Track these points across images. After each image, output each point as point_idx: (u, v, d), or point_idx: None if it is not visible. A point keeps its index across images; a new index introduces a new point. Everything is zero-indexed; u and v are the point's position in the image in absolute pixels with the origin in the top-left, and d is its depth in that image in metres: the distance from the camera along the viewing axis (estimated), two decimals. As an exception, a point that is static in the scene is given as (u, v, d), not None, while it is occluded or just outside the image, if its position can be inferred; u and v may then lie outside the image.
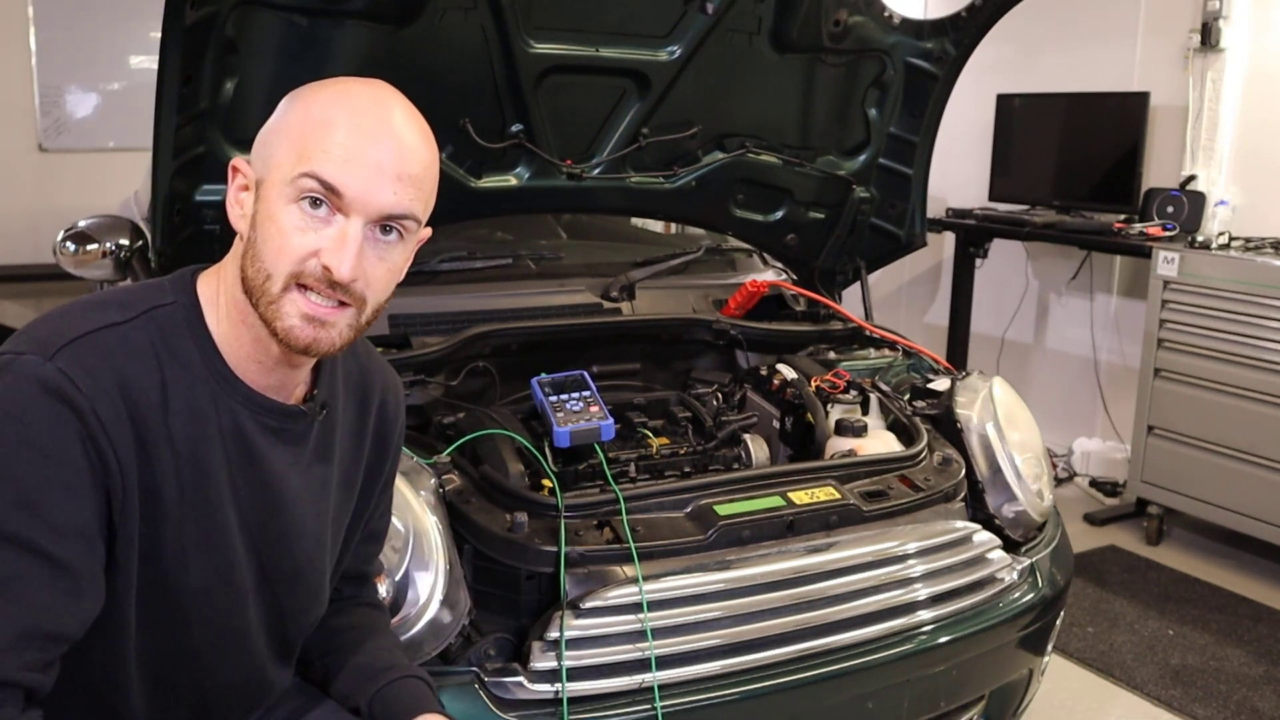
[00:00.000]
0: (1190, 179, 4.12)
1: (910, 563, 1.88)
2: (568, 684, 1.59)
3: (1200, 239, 3.78)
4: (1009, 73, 4.71)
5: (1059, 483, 4.39)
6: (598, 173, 2.48)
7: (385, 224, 1.13)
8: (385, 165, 1.11)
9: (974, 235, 4.61)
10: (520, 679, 1.59)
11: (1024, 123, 4.69)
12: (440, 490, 1.74)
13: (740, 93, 2.53)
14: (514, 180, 2.43)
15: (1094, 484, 4.42)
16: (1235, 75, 4.03)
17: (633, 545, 1.69)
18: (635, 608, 1.65)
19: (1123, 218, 4.18)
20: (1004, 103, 4.71)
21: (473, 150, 2.32)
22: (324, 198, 1.10)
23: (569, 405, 1.97)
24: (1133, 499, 4.00)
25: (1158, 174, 4.27)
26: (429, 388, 2.10)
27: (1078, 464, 4.54)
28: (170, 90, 1.82)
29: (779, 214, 2.79)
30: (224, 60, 1.92)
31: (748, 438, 2.13)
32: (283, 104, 1.17)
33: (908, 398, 2.34)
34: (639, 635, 1.64)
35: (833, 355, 2.52)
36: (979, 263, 4.69)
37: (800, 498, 1.87)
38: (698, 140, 2.55)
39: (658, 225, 3.70)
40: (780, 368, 2.30)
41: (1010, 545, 2.08)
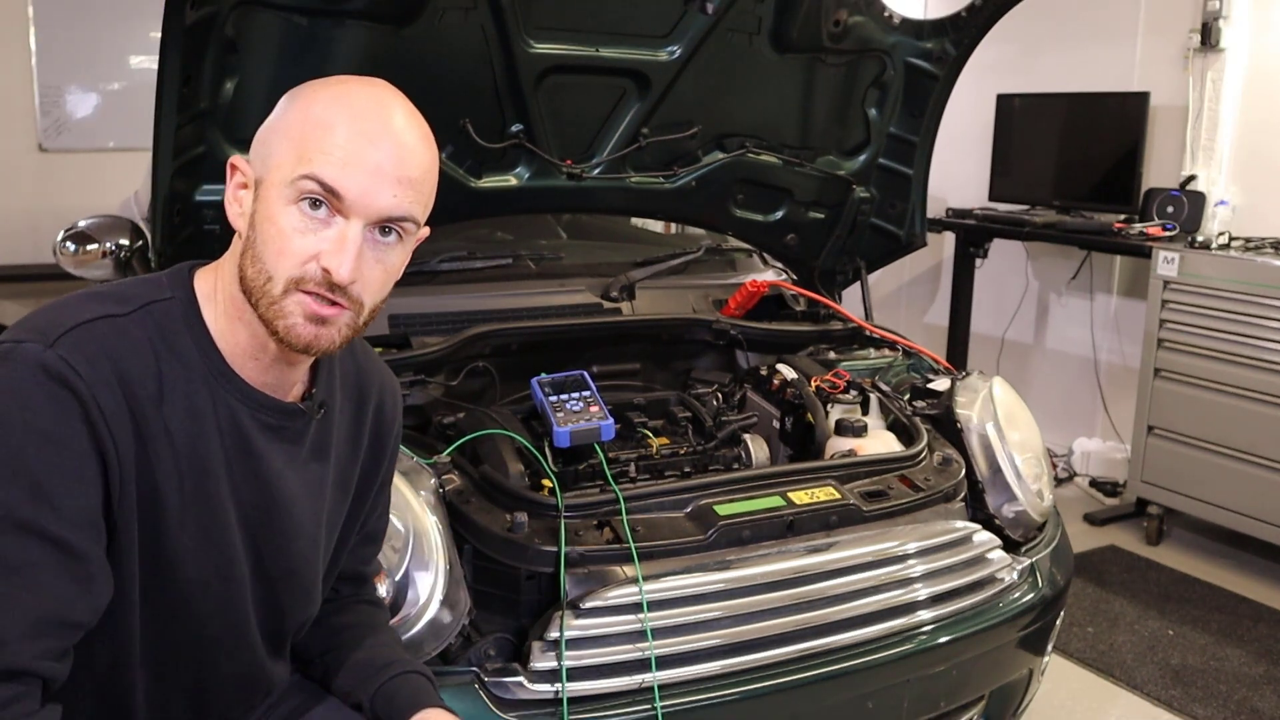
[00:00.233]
0: (1190, 179, 4.12)
1: (910, 563, 1.88)
2: (568, 684, 1.59)
3: (1200, 239, 3.78)
4: (1009, 73, 4.71)
5: (1059, 483, 4.39)
6: (598, 173, 2.48)
7: (384, 226, 1.13)
8: (385, 168, 1.11)
9: (974, 235, 4.61)
10: (520, 679, 1.59)
11: (1024, 123, 4.68)
12: (440, 490, 1.74)
13: (740, 93, 2.53)
14: (514, 180, 2.43)
15: (1094, 484, 4.42)
16: (1235, 75, 4.03)
17: (633, 545, 1.69)
18: (635, 608, 1.65)
19: (1123, 218, 4.18)
20: (1004, 103, 4.71)
21: (473, 150, 2.32)
22: (324, 199, 1.09)
23: (569, 405, 1.97)
24: (1133, 499, 4.00)
25: (1158, 174, 4.27)
26: (429, 388, 2.10)
27: (1078, 464, 4.54)
28: (170, 90, 1.82)
29: (779, 214, 2.79)
30: (224, 60, 1.92)
31: (748, 438, 2.13)
32: (282, 102, 1.16)
33: (908, 398, 2.34)
34: (639, 635, 1.64)
35: (833, 355, 2.52)
36: (979, 263, 4.69)
37: (800, 498, 1.87)
38: (698, 140, 2.55)
39: (658, 225, 3.70)
40: (780, 368, 2.30)
41: (1010, 545, 2.08)
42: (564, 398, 1.98)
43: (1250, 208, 4.05)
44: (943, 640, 1.87)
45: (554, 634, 1.61)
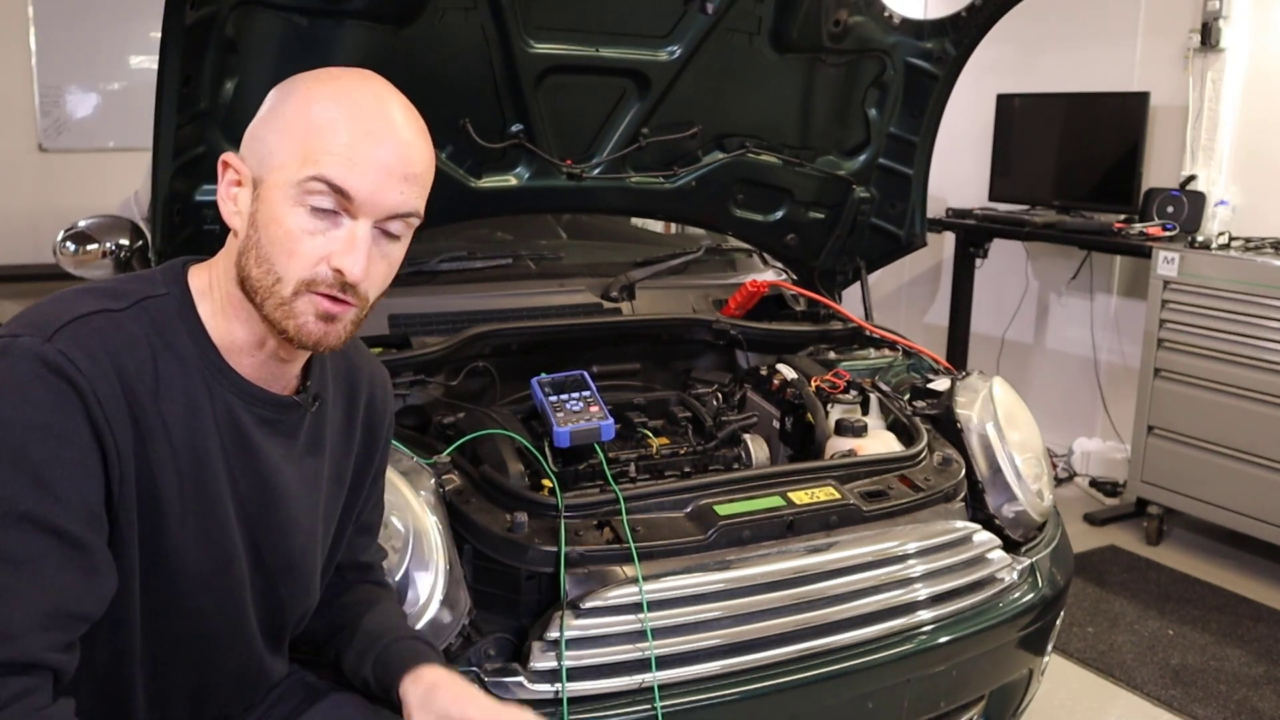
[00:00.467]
0: (1190, 179, 4.12)
1: (910, 563, 1.88)
2: (568, 684, 1.59)
3: (1200, 239, 3.78)
4: (1009, 73, 4.71)
5: (1059, 483, 4.39)
6: (598, 173, 2.48)
7: (390, 221, 1.14)
8: (392, 166, 1.11)
9: (974, 235, 4.61)
10: (520, 679, 1.59)
11: (1024, 123, 4.69)
12: (440, 490, 1.74)
13: (740, 93, 2.53)
14: (514, 180, 2.42)
15: (1094, 484, 4.42)
16: (1235, 75, 4.03)
17: (633, 545, 1.69)
18: (635, 608, 1.65)
19: (1123, 218, 4.18)
20: (1004, 103, 4.71)
21: (473, 150, 2.32)
22: (332, 200, 1.10)
23: (569, 405, 1.97)
24: (1133, 499, 4.00)
25: (1158, 174, 4.27)
26: (429, 388, 2.10)
27: (1078, 464, 4.54)
28: (170, 90, 1.82)
29: (779, 214, 2.78)
30: (224, 60, 1.92)
31: (748, 438, 2.13)
32: (273, 96, 1.16)
33: (908, 398, 2.34)
34: (639, 635, 1.64)
35: (833, 355, 2.52)
36: (979, 263, 4.69)
37: (800, 498, 1.86)
38: (698, 140, 2.55)
39: (658, 225, 3.70)
40: (780, 368, 2.30)
41: (1010, 545, 2.08)
42: (564, 398, 1.98)
43: (1250, 208, 4.05)
44: (943, 640, 1.86)
45: (554, 634, 1.61)
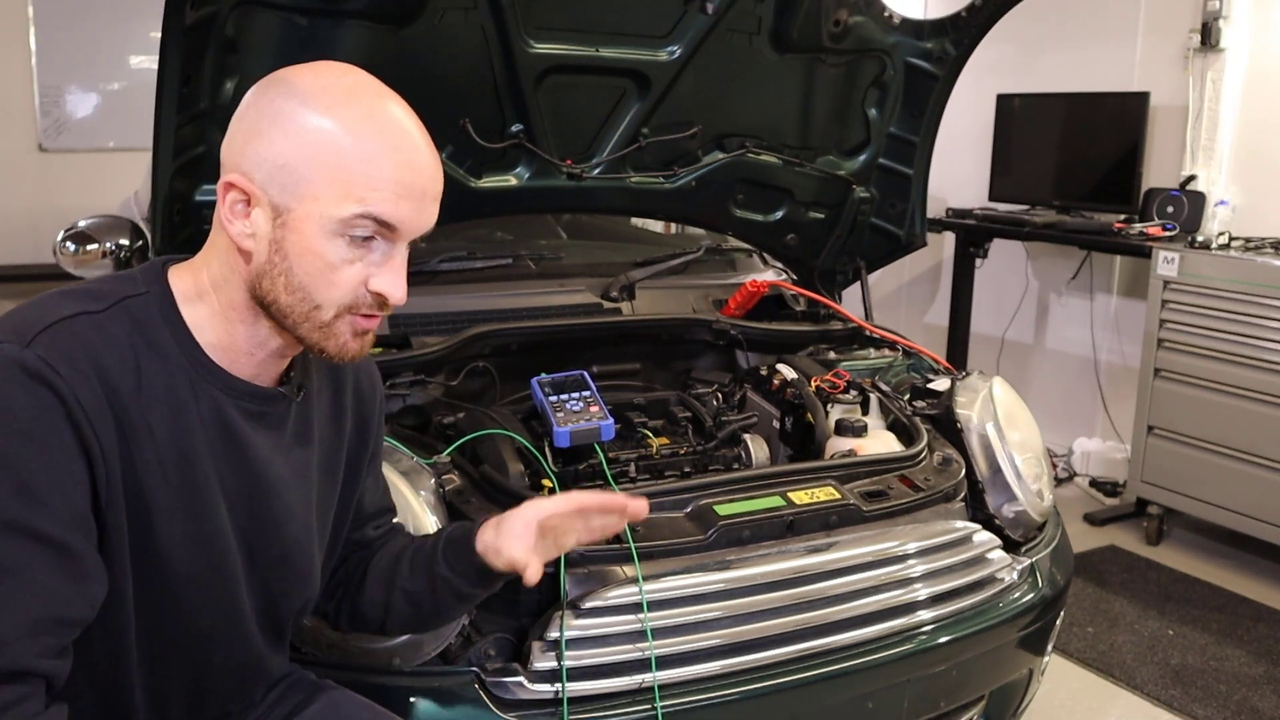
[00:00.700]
0: (1190, 179, 4.12)
1: (910, 563, 1.88)
2: (568, 684, 1.59)
3: (1200, 239, 3.78)
4: (1009, 73, 4.71)
5: (1059, 483, 4.39)
6: (598, 173, 2.48)
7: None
8: (428, 190, 1.14)
9: (974, 235, 4.61)
10: (520, 679, 1.59)
11: (1024, 123, 4.68)
12: (440, 490, 1.74)
13: (740, 93, 2.53)
14: (514, 180, 2.42)
15: (1094, 484, 4.42)
16: (1235, 75, 4.03)
17: (633, 545, 1.69)
18: (635, 608, 1.65)
19: (1123, 218, 4.18)
20: (1004, 103, 4.71)
21: (473, 150, 2.32)
22: (374, 229, 1.12)
23: (569, 405, 1.97)
24: (1133, 499, 4.00)
25: (1158, 174, 4.26)
26: (429, 388, 2.10)
27: (1078, 464, 4.54)
28: (170, 90, 1.82)
29: (779, 214, 2.78)
30: (224, 60, 1.92)
31: (748, 438, 2.13)
32: (283, 107, 1.10)
33: (908, 398, 2.34)
34: (639, 635, 1.64)
35: (833, 355, 2.52)
36: (979, 263, 4.69)
37: (800, 498, 1.86)
38: (698, 140, 2.55)
39: (658, 225, 3.70)
40: (780, 368, 2.30)
41: (1010, 545, 2.08)
42: (564, 398, 1.98)
43: (1250, 208, 4.05)
44: (943, 640, 1.87)
45: (554, 634, 1.61)
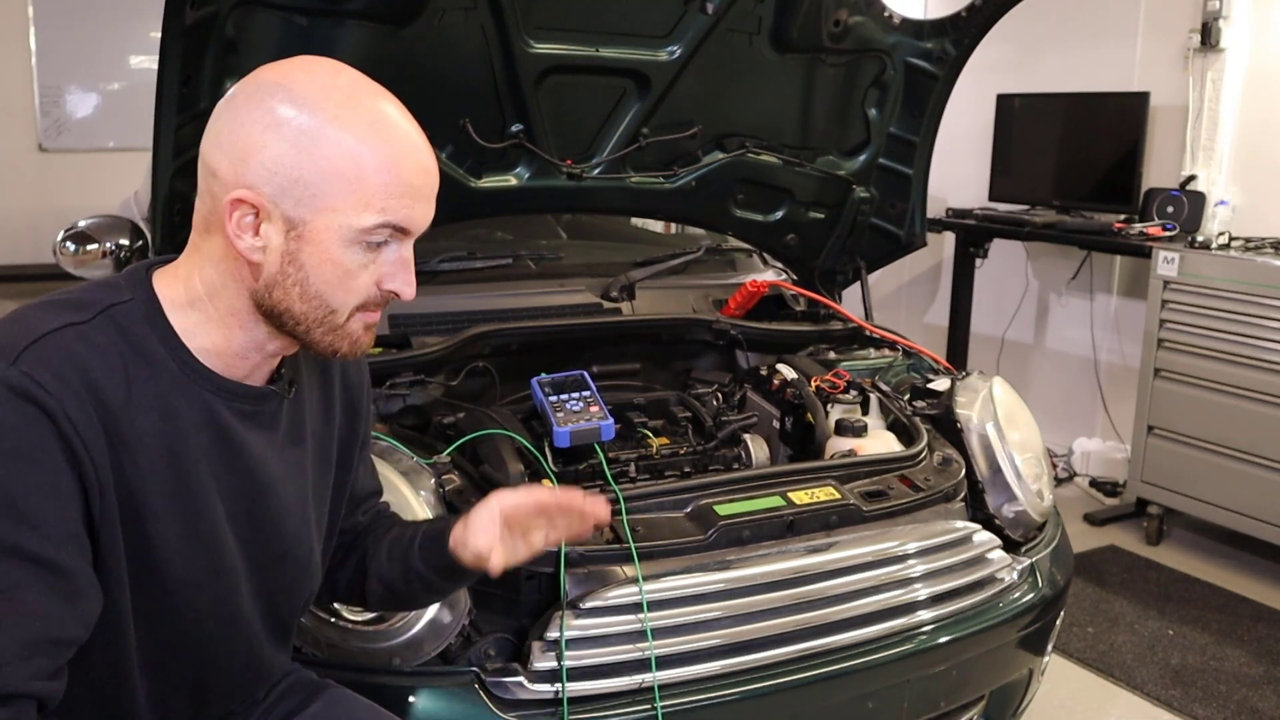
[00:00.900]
0: (1190, 179, 4.12)
1: (910, 563, 1.88)
2: (568, 684, 1.59)
3: (1200, 239, 3.78)
4: (1009, 73, 4.70)
5: (1059, 483, 4.39)
6: (598, 173, 2.48)
7: None
8: (433, 188, 1.16)
9: (974, 235, 4.61)
10: (520, 679, 1.59)
11: (1024, 123, 4.68)
12: (440, 490, 1.74)
13: (740, 93, 2.53)
14: (514, 180, 2.42)
15: (1094, 484, 4.42)
16: (1235, 75, 4.03)
17: (633, 545, 1.69)
18: (635, 608, 1.65)
19: (1123, 218, 4.18)
20: (1004, 103, 4.71)
21: (473, 150, 2.32)
22: (390, 234, 1.14)
23: (569, 405, 1.97)
24: (1133, 499, 4.00)
25: (1158, 174, 4.26)
26: (429, 388, 2.10)
27: (1078, 464, 4.54)
28: (170, 90, 1.82)
29: (779, 214, 2.78)
30: (224, 60, 1.91)
31: (748, 438, 2.13)
32: (289, 116, 1.08)
33: (908, 398, 2.34)
34: (639, 635, 1.64)
35: (833, 355, 2.52)
36: (979, 263, 4.69)
37: (800, 498, 1.86)
38: (698, 140, 2.55)
39: (658, 225, 3.70)
40: (780, 368, 2.30)
41: (1010, 545, 2.08)
42: (564, 398, 1.98)
43: (1250, 208, 4.05)
44: (943, 640, 1.87)
45: (554, 634, 1.61)
